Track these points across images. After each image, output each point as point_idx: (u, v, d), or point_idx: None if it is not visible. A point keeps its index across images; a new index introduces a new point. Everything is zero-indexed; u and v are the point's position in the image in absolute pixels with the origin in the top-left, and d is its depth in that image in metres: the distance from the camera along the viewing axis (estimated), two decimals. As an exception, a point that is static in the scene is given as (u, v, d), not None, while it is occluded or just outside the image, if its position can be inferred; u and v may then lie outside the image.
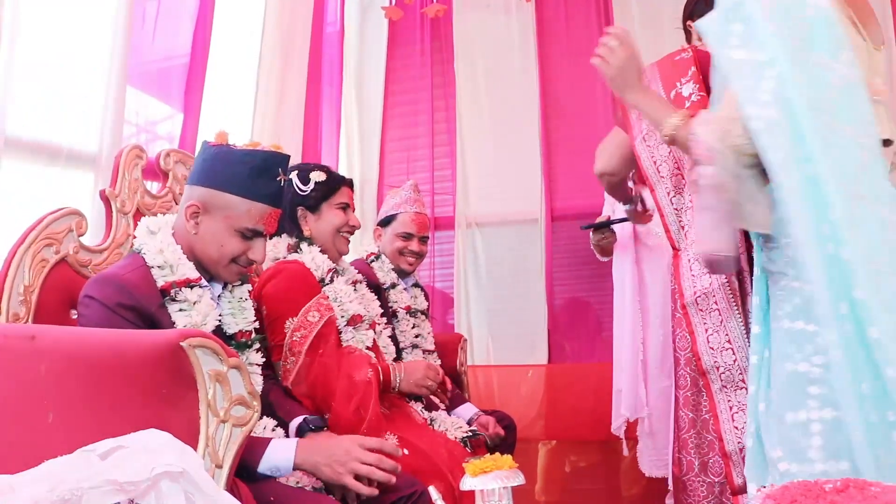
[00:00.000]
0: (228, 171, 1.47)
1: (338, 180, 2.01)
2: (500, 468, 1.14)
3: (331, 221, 1.97)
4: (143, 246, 1.47)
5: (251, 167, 1.47)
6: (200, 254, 1.50)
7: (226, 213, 1.47)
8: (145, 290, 1.41)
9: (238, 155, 1.48)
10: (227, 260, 1.50)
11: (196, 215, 1.48)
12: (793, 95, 1.23)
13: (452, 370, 2.59)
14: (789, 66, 1.24)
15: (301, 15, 3.07)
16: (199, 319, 1.44)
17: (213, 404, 1.14)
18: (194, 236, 1.49)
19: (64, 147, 1.91)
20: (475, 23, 3.60)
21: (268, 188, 1.49)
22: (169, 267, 1.45)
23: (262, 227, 1.50)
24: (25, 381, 1.21)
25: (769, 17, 1.27)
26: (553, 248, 3.44)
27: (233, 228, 1.48)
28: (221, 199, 1.47)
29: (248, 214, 1.48)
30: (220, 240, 1.48)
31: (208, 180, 1.48)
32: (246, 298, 1.61)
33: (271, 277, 1.83)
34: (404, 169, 3.63)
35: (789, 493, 0.91)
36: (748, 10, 1.29)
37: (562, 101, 3.51)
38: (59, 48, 1.93)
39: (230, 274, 1.53)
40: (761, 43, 1.27)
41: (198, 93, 2.43)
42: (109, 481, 0.93)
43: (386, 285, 2.37)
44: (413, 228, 2.43)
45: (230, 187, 1.47)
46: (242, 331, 1.56)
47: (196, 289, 1.46)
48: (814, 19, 1.29)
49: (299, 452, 1.43)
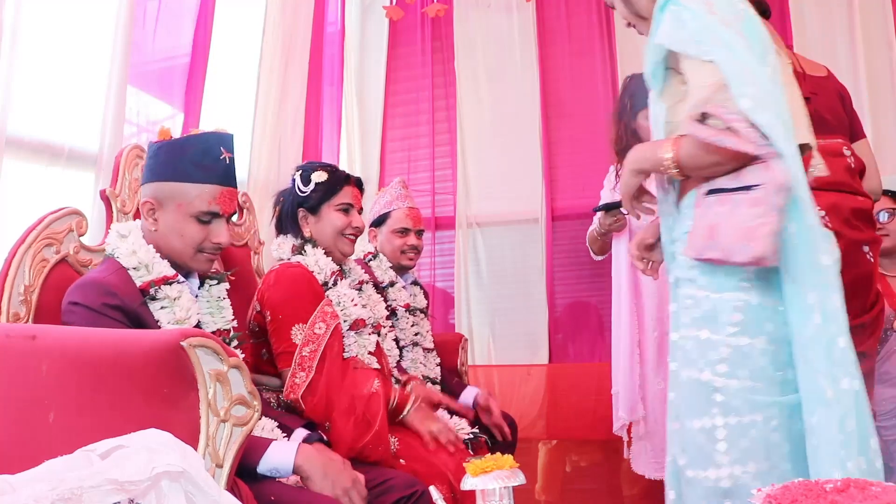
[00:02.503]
0: (171, 161, 1.50)
1: (341, 180, 1.98)
2: (501, 468, 1.14)
3: (331, 224, 1.95)
4: (115, 250, 1.49)
5: (192, 152, 1.49)
6: (166, 248, 1.51)
7: (177, 202, 1.49)
8: (126, 289, 1.42)
9: (177, 144, 1.51)
10: (192, 249, 1.51)
11: (152, 211, 1.51)
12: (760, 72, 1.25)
13: (453, 370, 2.59)
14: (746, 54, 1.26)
15: (302, 14, 3.07)
16: (183, 315, 1.46)
17: (213, 404, 1.14)
18: (156, 233, 1.51)
19: (65, 147, 1.91)
20: (476, 22, 3.60)
21: (212, 169, 1.50)
22: (144, 267, 1.47)
23: (218, 208, 1.51)
24: (26, 381, 1.21)
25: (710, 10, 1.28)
26: (554, 247, 3.44)
27: (187, 215, 1.49)
28: (169, 189, 1.49)
29: (199, 198, 1.49)
30: (179, 229, 1.50)
31: (155, 175, 1.51)
32: (224, 297, 1.62)
33: (274, 283, 1.83)
34: (405, 168, 3.63)
35: (790, 492, 0.91)
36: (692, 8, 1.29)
37: (563, 100, 3.51)
38: (60, 48, 1.93)
39: (200, 263, 1.54)
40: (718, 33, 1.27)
41: (198, 92, 2.43)
42: (110, 480, 0.93)
43: (385, 284, 2.38)
44: (409, 223, 2.44)
45: (175, 176, 1.49)
46: (221, 329, 1.57)
47: (175, 285, 1.48)
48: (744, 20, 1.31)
49: (300, 456, 1.43)
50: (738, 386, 1.29)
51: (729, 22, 1.28)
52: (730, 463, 1.29)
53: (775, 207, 1.23)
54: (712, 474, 1.30)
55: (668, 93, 1.40)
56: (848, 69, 3.05)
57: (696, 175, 1.36)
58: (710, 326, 1.33)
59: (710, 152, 1.29)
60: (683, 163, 1.34)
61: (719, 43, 1.26)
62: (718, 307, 1.32)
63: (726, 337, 1.31)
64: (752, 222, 1.23)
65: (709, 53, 1.27)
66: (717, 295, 1.33)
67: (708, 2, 1.29)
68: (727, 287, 1.32)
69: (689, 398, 1.35)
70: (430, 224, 3.47)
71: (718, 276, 1.33)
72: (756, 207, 1.24)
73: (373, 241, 2.47)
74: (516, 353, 3.41)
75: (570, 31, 3.52)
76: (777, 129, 1.21)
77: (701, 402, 1.32)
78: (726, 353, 1.31)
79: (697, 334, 1.34)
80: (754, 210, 1.24)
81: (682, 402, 1.37)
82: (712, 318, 1.33)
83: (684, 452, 1.35)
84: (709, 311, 1.33)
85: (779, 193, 1.22)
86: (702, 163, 1.32)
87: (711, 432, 1.31)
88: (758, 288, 1.32)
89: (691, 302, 1.37)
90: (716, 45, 1.26)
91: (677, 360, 1.41)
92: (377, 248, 2.45)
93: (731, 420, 1.30)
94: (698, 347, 1.34)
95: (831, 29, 3.11)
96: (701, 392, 1.33)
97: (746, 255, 1.24)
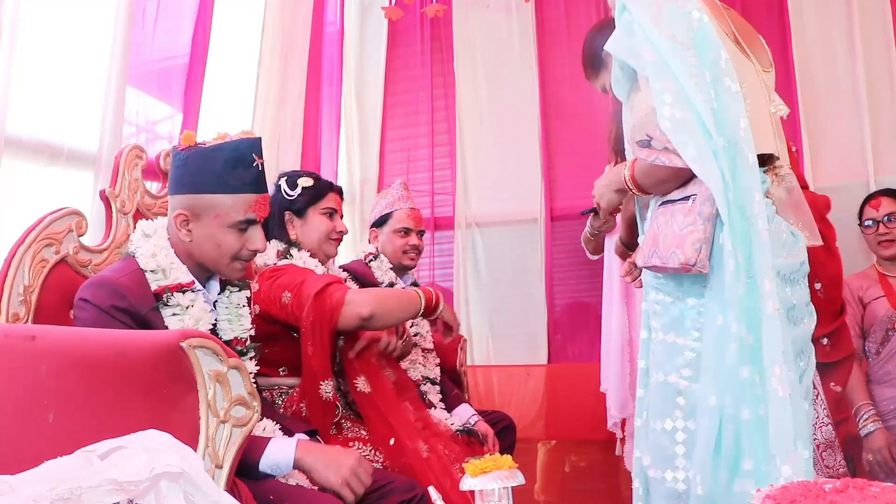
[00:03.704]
0: (203, 170, 1.45)
1: (325, 186, 2.05)
2: (500, 468, 1.14)
3: (317, 227, 2.00)
4: (137, 249, 1.48)
5: (224, 161, 1.44)
6: (201, 257, 1.49)
7: (213, 213, 1.46)
8: (139, 293, 1.41)
9: (208, 152, 1.46)
10: (229, 258, 1.49)
11: (186, 223, 1.47)
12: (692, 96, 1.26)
13: (452, 370, 2.59)
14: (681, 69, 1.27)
15: (301, 14, 3.07)
16: (192, 323, 1.44)
17: (213, 405, 1.14)
18: (190, 243, 1.48)
19: (64, 147, 1.91)
20: (475, 23, 3.60)
21: (246, 176, 1.46)
22: (161, 271, 1.45)
23: (254, 216, 1.49)
24: (26, 382, 1.21)
25: (655, 21, 1.30)
26: (553, 247, 3.44)
27: (225, 226, 1.47)
28: (205, 200, 1.46)
29: (235, 208, 1.46)
30: (216, 240, 1.48)
31: (186, 186, 1.47)
32: (244, 305, 1.61)
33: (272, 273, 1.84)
34: (404, 169, 3.63)
35: (789, 493, 0.91)
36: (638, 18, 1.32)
37: (562, 100, 3.51)
38: (59, 48, 1.93)
39: (234, 271, 1.52)
40: (655, 46, 1.29)
41: (197, 92, 2.43)
42: (109, 481, 0.93)
43: (385, 284, 2.38)
44: (410, 223, 2.46)
45: (209, 187, 1.45)
46: (238, 338, 1.56)
47: (188, 293, 1.46)
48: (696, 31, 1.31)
49: (300, 449, 1.43)
50: (699, 390, 1.32)
51: (674, 33, 1.29)
52: (685, 467, 1.33)
53: (703, 216, 1.28)
54: (669, 475, 1.34)
55: (635, 99, 1.43)
56: (847, 70, 3.06)
57: (655, 192, 1.42)
58: (676, 331, 1.37)
59: (655, 171, 1.35)
60: (639, 182, 1.42)
61: (654, 58, 1.29)
62: (684, 313, 1.37)
63: (691, 342, 1.35)
64: (683, 230, 1.30)
65: (644, 69, 1.31)
66: (682, 302, 1.38)
67: (656, 13, 1.31)
68: (691, 293, 1.37)
69: (656, 399, 1.40)
70: (430, 224, 3.47)
71: (684, 284, 1.38)
72: (688, 216, 1.30)
73: (374, 241, 2.48)
74: (515, 354, 3.41)
75: (570, 31, 3.52)
76: (688, 150, 1.25)
77: (666, 404, 1.37)
78: (691, 357, 1.35)
79: (665, 338, 1.39)
80: (686, 219, 1.30)
81: (651, 402, 1.41)
82: (679, 323, 1.37)
83: (648, 452, 1.39)
84: (676, 316, 1.38)
85: (705, 203, 1.28)
86: (653, 181, 1.39)
87: (672, 434, 1.35)
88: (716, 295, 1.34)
89: (660, 308, 1.42)
90: (651, 60, 1.30)
91: (646, 361, 1.47)
92: (378, 248, 2.46)
93: (690, 424, 1.33)
94: (666, 351, 1.38)
95: (830, 30, 3.11)
96: (667, 394, 1.37)
97: (676, 261, 1.29)
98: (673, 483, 1.33)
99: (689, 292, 1.37)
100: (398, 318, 1.86)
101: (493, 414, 2.41)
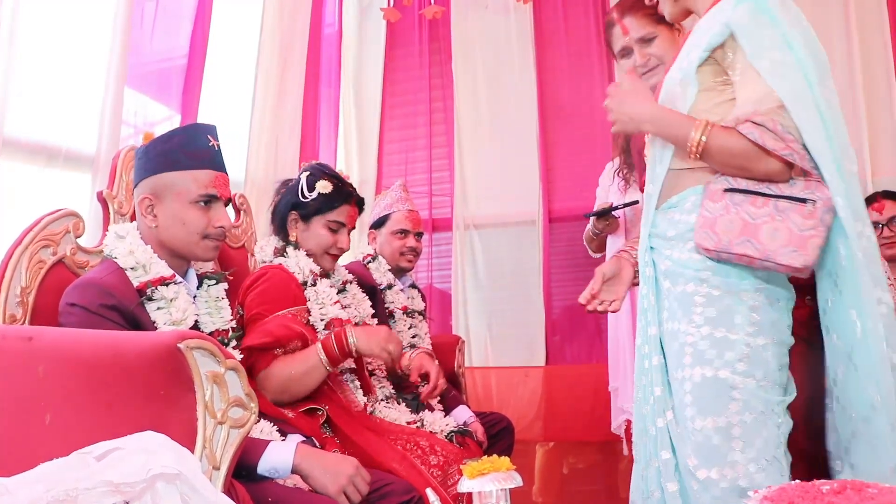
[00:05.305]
0: (160, 154, 1.52)
1: (342, 197, 1.94)
2: (498, 470, 1.14)
3: (316, 238, 1.93)
4: (112, 250, 1.50)
5: (179, 142, 1.52)
6: (170, 241, 1.52)
7: (174, 191, 1.51)
8: (124, 290, 1.43)
9: (163, 138, 1.54)
10: (197, 236, 1.52)
11: (150, 208, 1.52)
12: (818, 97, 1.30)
13: (450, 372, 2.58)
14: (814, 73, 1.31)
15: (299, 16, 3.07)
16: (179, 316, 1.46)
17: (210, 406, 1.13)
18: (157, 228, 1.52)
19: (62, 148, 1.91)
20: (473, 24, 3.60)
21: (203, 155, 1.53)
22: (142, 267, 1.48)
23: (215, 191, 1.53)
24: (23, 383, 1.21)
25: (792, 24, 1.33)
26: (551, 249, 3.44)
27: (187, 202, 1.51)
28: (164, 180, 1.51)
29: (196, 183, 1.51)
30: (181, 218, 1.51)
31: (147, 171, 1.53)
32: (223, 297, 1.62)
33: (253, 283, 1.82)
34: (402, 170, 3.63)
35: (787, 494, 0.91)
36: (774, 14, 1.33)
37: (560, 102, 3.51)
38: (58, 49, 1.93)
39: (207, 250, 1.55)
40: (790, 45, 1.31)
41: (196, 94, 2.43)
42: (105, 482, 0.93)
43: (382, 286, 2.38)
44: (408, 225, 2.45)
45: (168, 166, 1.51)
46: (219, 329, 1.57)
47: (171, 286, 1.49)
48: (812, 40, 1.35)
49: (299, 455, 1.43)
50: (754, 385, 1.32)
51: (798, 38, 1.32)
52: (745, 461, 1.31)
53: (825, 224, 1.30)
54: (729, 473, 1.31)
55: (700, 77, 1.40)
56: (844, 71, 3.06)
57: (715, 166, 1.38)
58: (726, 325, 1.35)
59: (748, 153, 1.32)
60: (711, 150, 1.35)
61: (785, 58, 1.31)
62: (734, 307, 1.35)
63: (744, 336, 1.34)
64: (805, 232, 1.29)
65: (774, 66, 1.31)
66: (735, 296, 1.36)
67: (787, 12, 1.33)
68: (743, 287, 1.36)
69: (703, 396, 1.35)
70: (428, 226, 3.47)
71: (732, 277, 1.36)
72: (809, 219, 1.29)
73: (372, 243, 2.48)
74: (513, 355, 3.41)
75: (568, 32, 3.52)
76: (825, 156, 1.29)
77: (718, 400, 1.34)
78: (746, 351, 1.33)
79: (712, 332, 1.36)
80: (808, 221, 1.30)
81: (693, 399, 1.36)
82: (728, 317, 1.35)
83: (694, 453, 1.35)
84: (724, 310, 1.36)
85: (828, 213, 1.30)
86: (730, 160, 1.35)
87: (728, 430, 1.32)
88: (768, 291, 1.36)
89: (704, 300, 1.38)
90: (782, 60, 1.31)
91: (658, 355, 1.45)
92: (376, 250, 2.46)
93: (747, 418, 1.32)
94: (714, 346, 1.35)
95: (827, 32, 3.11)
96: (719, 390, 1.34)
97: (797, 260, 1.28)
98: (732, 481, 1.31)
99: (739, 286, 1.36)
100: (308, 389, 1.72)
101: (491, 415, 2.41)
